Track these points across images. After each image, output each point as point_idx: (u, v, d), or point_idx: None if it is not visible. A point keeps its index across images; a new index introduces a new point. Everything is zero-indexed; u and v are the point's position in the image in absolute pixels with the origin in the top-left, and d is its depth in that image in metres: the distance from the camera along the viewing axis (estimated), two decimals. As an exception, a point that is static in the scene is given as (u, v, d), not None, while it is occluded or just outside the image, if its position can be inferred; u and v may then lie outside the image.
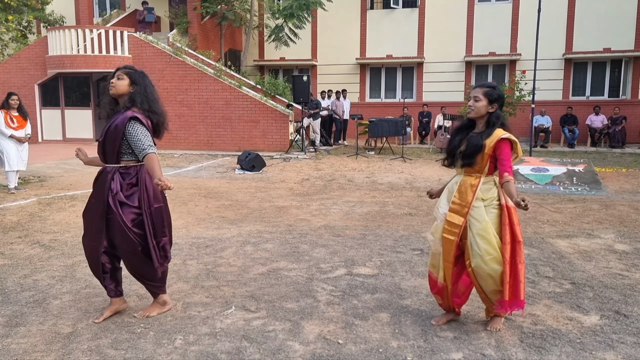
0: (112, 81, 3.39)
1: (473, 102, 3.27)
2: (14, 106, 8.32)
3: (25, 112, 8.51)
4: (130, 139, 3.28)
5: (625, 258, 4.93)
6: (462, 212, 3.21)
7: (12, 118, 8.30)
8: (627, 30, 17.09)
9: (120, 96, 3.41)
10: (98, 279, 3.53)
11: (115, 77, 3.39)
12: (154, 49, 15.71)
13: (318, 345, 3.10)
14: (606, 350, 3.03)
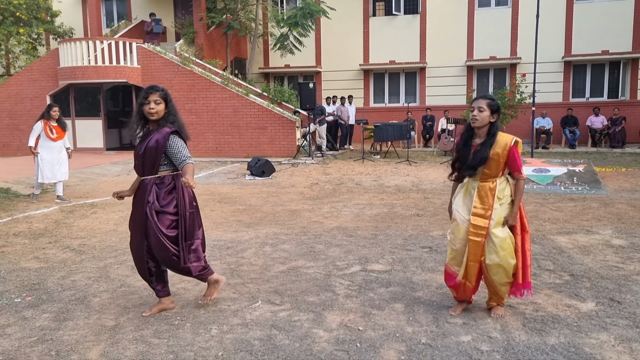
0: (151, 107, 3.58)
1: (478, 113, 3.53)
2: (55, 117, 8.51)
3: (64, 124, 8.70)
4: (172, 151, 3.62)
5: (621, 252, 5.26)
6: (486, 215, 3.51)
7: (52, 129, 8.49)
8: (625, 32, 17.43)
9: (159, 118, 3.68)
10: (146, 281, 3.87)
11: (153, 102, 3.58)
12: (162, 59, 16.13)
13: (340, 331, 3.43)
14: (600, 332, 3.35)
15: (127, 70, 15.95)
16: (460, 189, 3.73)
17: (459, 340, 3.26)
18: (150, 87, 3.67)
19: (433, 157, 14.71)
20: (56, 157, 8.59)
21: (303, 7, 16.87)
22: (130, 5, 21.56)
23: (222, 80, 15.92)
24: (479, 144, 3.58)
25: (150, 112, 3.60)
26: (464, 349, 3.15)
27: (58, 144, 8.62)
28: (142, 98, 3.62)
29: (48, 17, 19.70)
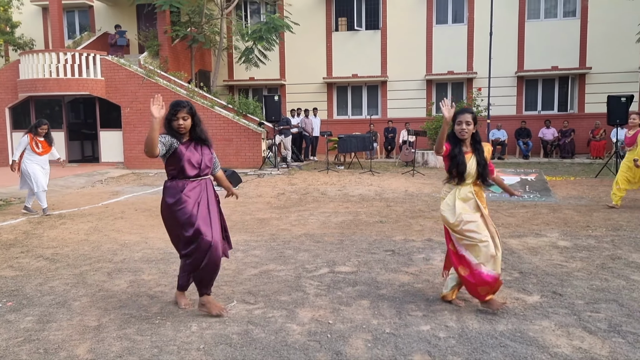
0: (180, 124, 3.85)
1: (466, 126, 3.94)
2: (42, 134, 8.64)
3: (51, 139, 8.84)
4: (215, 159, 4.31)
5: (565, 252, 5.75)
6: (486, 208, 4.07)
7: (38, 143, 8.61)
8: (572, 49, 18.52)
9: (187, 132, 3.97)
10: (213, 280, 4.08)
11: (181, 119, 3.85)
12: (126, 71, 16.16)
13: (312, 325, 3.73)
14: (543, 319, 3.76)
15: (90, 83, 15.90)
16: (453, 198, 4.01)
17: (419, 330, 3.61)
18: (177, 104, 3.88)
19: (395, 168, 15.23)
20: (44, 169, 8.74)
21: (267, 22, 17.26)
22: (94, 16, 21.48)
23: (187, 93, 16.07)
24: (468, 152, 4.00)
25: (179, 128, 3.88)
26: (424, 336, 3.50)
27: (44, 158, 8.74)
28: (171, 115, 3.87)
29: (8, 28, 19.42)
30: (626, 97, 12.97)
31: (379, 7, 19.66)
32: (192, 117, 3.95)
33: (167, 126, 3.92)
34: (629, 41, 17.40)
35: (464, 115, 3.99)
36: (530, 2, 18.86)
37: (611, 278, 4.75)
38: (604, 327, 3.61)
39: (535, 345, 3.34)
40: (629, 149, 8.60)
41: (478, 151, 4.02)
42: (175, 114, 3.85)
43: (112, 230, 7.46)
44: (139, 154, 15.96)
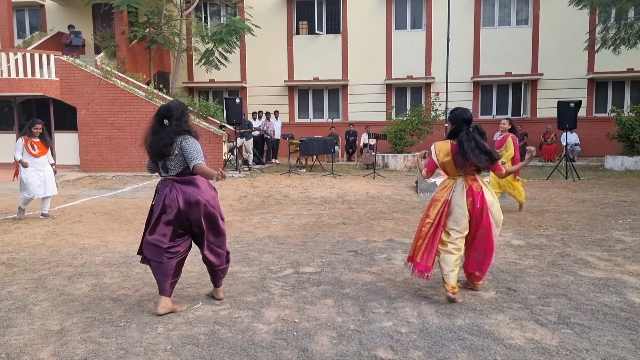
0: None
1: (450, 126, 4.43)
2: (37, 134, 8.18)
3: (47, 140, 8.38)
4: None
5: (519, 250, 6.02)
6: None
7: (33, 144, 8.18)
8: (525, 56, 19.24)
9: None
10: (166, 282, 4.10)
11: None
12: (82, 72, 15.78)
13: (278, 324, 3.80)
14: (498, 314, 3.96)
15: (44, 83, 15.45)
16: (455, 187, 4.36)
17: (382, 326, 3.74)
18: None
19: (356, 171, 15.44)
20: (42, 173, 8.32)
21: (228, 24, 17.19)
22: (46, 16, 20.86)
23: (146, 95, 15.83)
24: None
25: None
26: (387, 332, 3.63)
27: (41, 160, 8.31)
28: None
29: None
30: (575, 103, 13.58)
31: (340, 11, 19.89)
32: None
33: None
34: (578, 49, 18.20)
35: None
36: (485, 10, 19.49)
37: (561, 274, 5.01)
38: (554, 320, 3.82)
39: (491, 337, 3.51)
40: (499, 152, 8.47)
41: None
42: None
43: (70, 234, 7.31)
44: (96, 156, 15.64)
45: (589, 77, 19.01)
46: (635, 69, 18.66)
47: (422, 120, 16.33)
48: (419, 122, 16.22)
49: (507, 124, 8.67)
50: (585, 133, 18.45)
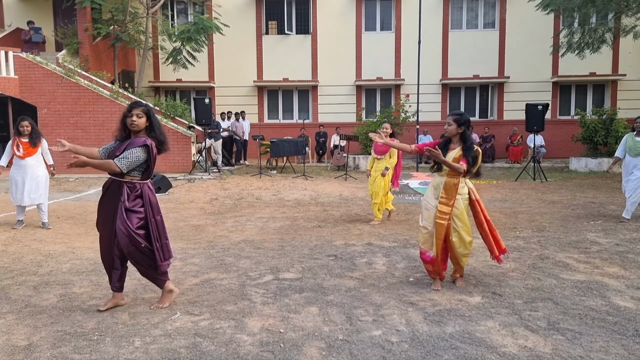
0: (133, 120, 3.97)
1: (447, 126, 4.59)
2: (25, 133, 7.43)
3: (34, 139, 7.51)
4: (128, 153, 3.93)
5: (498, 253, 5.99)
6: (449, 203, 4.56)
7: (19, 144, 7.42)
8: (492, 59, 19.53)
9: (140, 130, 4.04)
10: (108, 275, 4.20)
11: (135, 115, 3.98)
12: (43, 69, 15.18)
13: (263, 335, 3.63)
14: (487, 320, 3.88)
15: (1, 81, 14.76)
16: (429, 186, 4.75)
17: (371, 335, 3.61)
18: (134, 102, 4.09)
19: (327, 172, 15.32)
20: (28, 177, 7.48)
21: (197, 22, 16.83)
22: (3, 11, 20.01)
23: (111, 94, 15.33)
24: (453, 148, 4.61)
25: (132, 124, 3.99)
26: (377, 341, 3.50)
27: (29, 162, 7.46)
28: (127, 111, 4.03)
29: None
30: (542, 105, 13.83)
31: (309, 12, 19.76)
32: (149, 118, 4.07)
33: (121, 124, 4.07)
34: (544, 53, 18.59)
35: (448, 117, 4.69)
36: (453, 13, 19.69)
37: (543, 277, 5.00)
38: (543, 326, 3.77)
39: (484, 345, 3.43)
40: (380, 157, 7.89)
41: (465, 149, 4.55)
42: (130, 110, 4.01)
43: (33, 240, 6.93)
44: (58, 157, 14.92)
45: (554, 81, 19.44)
46: (597, 73, 19.18)
47: (392, 122, 16.33)
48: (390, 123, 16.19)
49: (389, 128, 7.87)
50: (550, 135, 18.83)
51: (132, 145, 3.97)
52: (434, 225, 4.59)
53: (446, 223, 4.54)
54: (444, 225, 4.55)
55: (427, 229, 4.64)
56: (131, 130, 4.05)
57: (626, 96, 19.38)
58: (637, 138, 7.81)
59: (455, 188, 4.57)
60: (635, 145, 7.77)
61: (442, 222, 4.55)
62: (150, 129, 4.08)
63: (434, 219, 4.60)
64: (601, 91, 19.95)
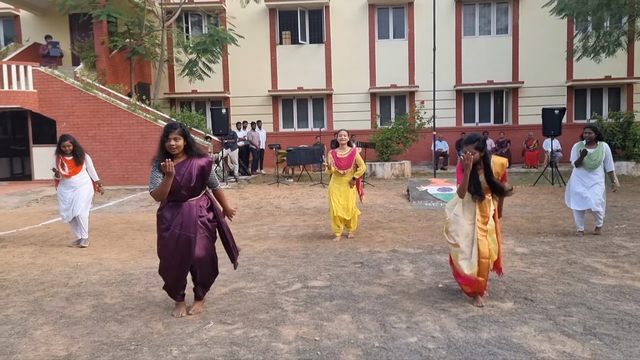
0: (172, 144, 4.05)
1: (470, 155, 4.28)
2: (67, 152, 7.33)
3: (78, 157, 7.39)
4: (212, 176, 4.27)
5: (525, 258, 5.97)
6: (486, 220, 4.40)
7: (64, 163, 7.33)
8: (506, 65, 19.48)
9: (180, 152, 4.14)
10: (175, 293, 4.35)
11: (173, 140, 4.05)
12: (61, 83, 15.41)
13: (299, 343, 3.64)
14: (522, 325, 3.86)
15: (21, 95, 15.03)
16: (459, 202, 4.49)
17: (407, 342, 3.61)
18: (169, 126, 4.11)
19: (343, 180, 15.31)
20: (75, 194, 7.41)
21: (212, 34, 17.00)
22: (20, 26, 20.39)
23: (129, 106, 15.51)
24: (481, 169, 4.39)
25: (171, 149, 4.07)
26: (414, 348, 3.50)
27: (75, 180, 7.40)
28: (164, 136, 4.09)
29: None
30: (559, 110, 13.75)
31: (323, 21, 19.87)
32: (185, 138, 4.14)
33: (161, 150, 4.12)
34: (558, 57, 18.51)
35: (467, 146, 4.37)
36: (466, 19, 19.70)
37: (573, 282, 4.96)
38: (580, 331, 3.75)
39: (522, 351, 3.41)
40: (345, 171, 7.35)
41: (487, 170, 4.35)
42: (167, 135, 4.05)
43: (59, 252, 7.02)
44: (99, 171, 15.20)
45: (568, 85, 19.33)
46: (612, 77, 19.04)
47: (407, 129, 16.36)
48: (405, 130, 16.24)
49: (347, 135, 7.48)
50: (566, 139, 18.63)
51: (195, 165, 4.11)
52: (473, 243, 4.35)
53: (485, 240, 4.35)
54: (485, 243, 4.34)
55: (459, 246, 4.37)
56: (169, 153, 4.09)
57: (643, 99, 19.21)
58: (590, 150, 7.21)
59: (489, 205, 4.45)
60: (589, 156, 7.19)
61: (483, 239, 4.35)
62: (188, 147, 4.16)
63: (472, 237, 4.37)
64: (617, 94, 19.79)
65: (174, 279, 4.25)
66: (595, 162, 7.15)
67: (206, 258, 4.29)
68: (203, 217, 4.19)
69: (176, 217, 4.12)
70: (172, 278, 4.25)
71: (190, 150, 4.16)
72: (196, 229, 4.13)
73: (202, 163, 4.14)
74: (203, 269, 4.33)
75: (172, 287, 4.29)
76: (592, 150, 7.20)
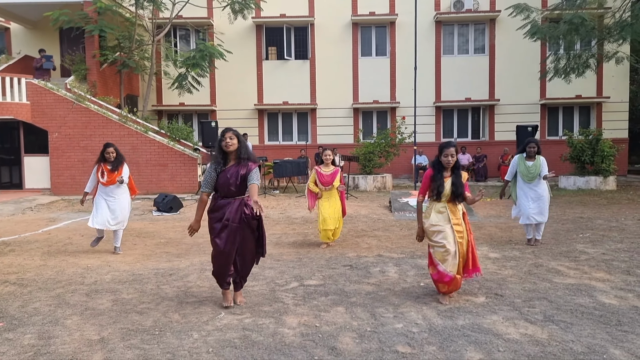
0: (227, 141, 4.70)
1: (450, 158, 4.87)
2: (110, 159, 7.41)
3: (115, 165, 7.44)
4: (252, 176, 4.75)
5: (497, 262, 6.64)
6: (460, 223, 4.96)
7: (104, 171, 7.40)
8: (483, 83, 20.43)
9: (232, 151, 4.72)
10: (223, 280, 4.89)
11: (228, 138, 4.71)
12: (54, 95, 15.81)
13: (302, 328, 4.23)
14: (492, 315, 4.51)
15: (14, 107, 15.38)
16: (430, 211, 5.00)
17: (395, 327, 4.22)
18: (226, 129, 4.82)
19: (328, 192, 15.94)
20: (111, 203, 7.49)
21: (202, 49, 17.57)
22: (11, 39, 20.70)
23: (120, 118, 15.96)
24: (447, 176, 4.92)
25: (226, 145, 4.69)
26: (400, 332, 4.11)
27: (113, 188, 7.48)
28: (221, 136, 4.75)
29: None
30: (532, 127, 14.64)
31: (308, 38, 20.61)
32: (238, 140, 4.76)
33: (218, 150, 4.76)
34: (532, 77, 19.51)
35: (449, 149, 4.92)
36: (445, 39, 20.62)
37: (538, 281, 5.64)
38: (540, 319, 4.40)
39: (492, 334, 4.05)
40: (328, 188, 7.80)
41: (456, 176, 4.91)
42: (223, 135, 4.71)
43: (67, 255, 7.48)
44: (68, 179, 15.59)
45: (542, 103, 20.33)
46: (582, 95, 20.11)
47: (389, 143, 17.09)
48: (387, 144, 16.97)
49: (331, 154, 7.99)
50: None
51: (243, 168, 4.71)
52: (455, 244, 4.85)
53: (463, 241, 4.89)
54: (462, 244, 4.89)
55: (445, 247, 4.80)
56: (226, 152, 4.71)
57: (610, 117, 20.30)
58: (529, 162, 7.74)
59: (458, 210, 4.98)
60: (528, 169, 7.71)
61: (462, 240, 4.90)
62: (240, 148, 4.74)
63: (454, 238, 4.86)
64: (587, 113, 20.86)
65: (222, 266, 4.79)
66: (533, 175, 7.77)
67: (249, 249, 4.87)
68: (247, 214, 4.77)
69: (226, 211, 4.72)
70: (220, 265, 4.80)
71: (240, 151, 4.74)
72: (241, 222, 4.73)
73: (249, 166, 4.73)
74: (244, 259, 4.88)
75: (220, 274, 4.83)
76: (530, 163, 7.80)
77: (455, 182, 4.90)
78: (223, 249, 4.74)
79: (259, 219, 4.88)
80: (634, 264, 6.36)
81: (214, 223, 4.80)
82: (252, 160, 4.79)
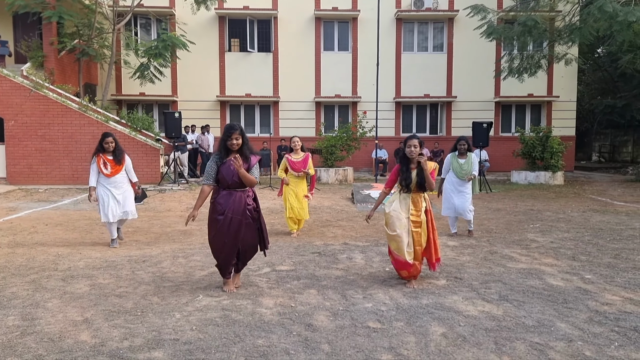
0: (233, 142, 4.84)
1: (414, 148, 5.17)
2: (109, 149, 7.25)
3: (119, 155, 7.33)
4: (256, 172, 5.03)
5: (455, 249, 7.10)
6: (419, 214, 5.23)
7: (106, 162, 7.22)
8: (441, 80, 21.10)
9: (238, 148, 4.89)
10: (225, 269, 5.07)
11: (234, 139, 4.84)
12: (10, 82, 15.38)
13: (278, 308, 4.50)
14: (452, 295, 4.91)
15: (-34, 93, 14.90)
16: (394, 198, 5.33)
17: (365, 306, 4.55)
18: (230, 127, 4.89)
19: (291, 184, 16.19)
20: (115, 194, 7.28)
21: (165, 39, 17.44)
22: (-41, 23, 19.90)
23: (80, 107, 15.69)
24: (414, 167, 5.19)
25: (232, 145, 4.85)
26: (370, 310, 4.44)
27: (116, 179, 7.30)
28: (226, 136, 4.86)
29: None
30: (487, 124, 15.31)
31: (271, 31, 20.73)
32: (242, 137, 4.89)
33: (223, 147, 4.87)
34: (487, 75, 20.31)
35: (413, 140, 5.22)
36: (405, 36, 21.16)
37: (493, 266, 6.10)
38: (496, 298, 4.83)
39: (453, 311, 4.43)
40: (299, 174, 8.21)
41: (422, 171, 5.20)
42: (230, 135, 4.82)
43: (34, 243, 7.48)
44: (24, 168, 15.23)
45: (496, 101, 21.19)
46: (534, 94, 21.08)
47: (350, 137, 17.48)
48: (348, 138, 17.36)
49: (299, 141, 8.34)
50: (493, 150, 20.49)
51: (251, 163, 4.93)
52: (408, 234, 5.16)
53: (420, 230, 5.20)
54: (419, 233, 5.20)
55: (401, 237, 5.12)
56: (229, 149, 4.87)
57: (560, 115, 21.37)
58: (461, 160, 8.08)
59: (420, 200, 5.28)
60: (461, 167, 8.03)
61: (418, 230, 5.19)
62: (243, 145, 4.89)
63: (407, 228, 5.17)
64: (538, 111, 21.88)
65: (226, 257, 4.96)
66: (467, 171, 8.12)
67: (251, 239, 5.06)
68: (250, 205, 4.98)
69: (229, 203, 4.88)
70: (224, 257, 4.96)
71: (243, 148, 4.89)
72: (244, 215, 4.91)
73: (251, 160, 4.91)
74: (247, 249, 5.07)
75: (224, 265, 5.01)
76: (463, 161, 8.13)
77: (419, 173, 5.24)
78: (227, 241, 4.91)
79: (259, 210, 5.11)
80: (578, 251, 6.93)
81: (217, 216, 4.95)
82: (254, 154, 4.98)
